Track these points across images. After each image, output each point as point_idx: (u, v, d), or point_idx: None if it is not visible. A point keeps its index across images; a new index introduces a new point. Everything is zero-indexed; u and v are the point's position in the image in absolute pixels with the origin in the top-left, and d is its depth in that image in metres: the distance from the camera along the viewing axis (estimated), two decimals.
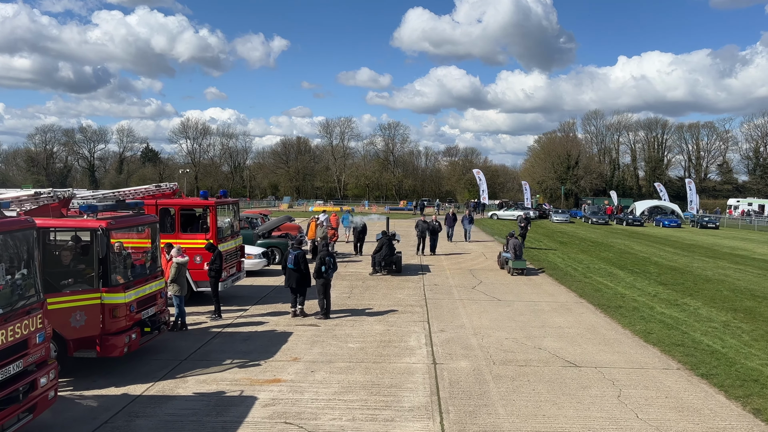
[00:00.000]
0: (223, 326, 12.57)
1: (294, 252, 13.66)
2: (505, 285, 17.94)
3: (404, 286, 17.57)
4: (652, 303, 15.51)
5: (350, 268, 20.98)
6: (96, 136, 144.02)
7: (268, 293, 16.26)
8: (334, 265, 13.90)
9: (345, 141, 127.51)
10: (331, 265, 13.77)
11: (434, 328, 12.54)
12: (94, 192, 15.41)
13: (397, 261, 20.55)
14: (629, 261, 24.64)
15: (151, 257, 10.63)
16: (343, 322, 13.07)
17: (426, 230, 24.86)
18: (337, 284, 17.41)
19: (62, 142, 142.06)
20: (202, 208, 14.32)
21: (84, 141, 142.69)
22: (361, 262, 22.54)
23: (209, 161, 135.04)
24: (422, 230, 24.89)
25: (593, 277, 19.82)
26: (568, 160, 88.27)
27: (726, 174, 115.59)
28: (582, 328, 12.68)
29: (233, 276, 15.17)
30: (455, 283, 18.10)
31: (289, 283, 13.61)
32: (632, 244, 32.52)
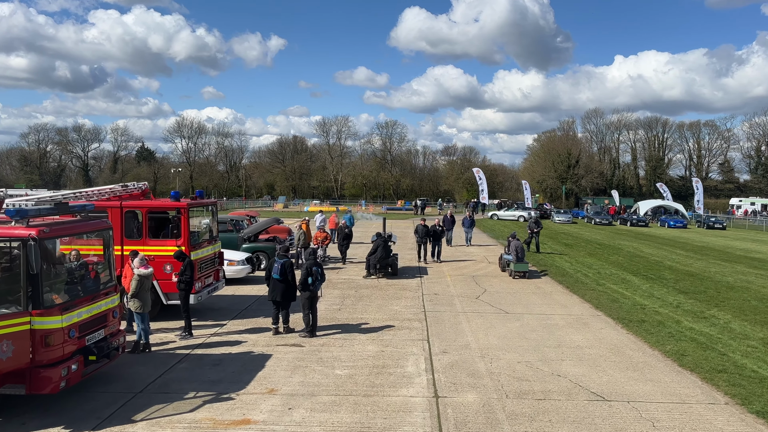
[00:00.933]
0: (193, 346, 10.95)
1: (280, 260, 12.09)
2: (512, 294, 16.34)
3: (401, 295, 15.97)
4: (676, 316, 13.93)
5: (343, 275, 19.37)
6: (90, 135, 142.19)
7: (250, 305, 14.64)
8: (321, 276, 12.29)
9: (342, 140, 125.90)
10: (319, 276, 12.16)
11: (435, 348, 10.95)
12: (35, 192, 13.77)
13: (393, 263, 19.32)
14: (641, 265, 23.06)
15: (101, 270, 8.99)
16: (331, 340, 11.45)
17: (427, 235, 22.72)
18: (327, 293, 15.82)
19: (55, 141, 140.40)
20: (173, 210, 12.69)
21: (78, 140, 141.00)
22: (351, 268, 20.93)
23: (204, 160, 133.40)
24: (423, 235, 22.67)
25: (606, 284, 18.24)
26: (569, 159, 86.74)
27: (727, 173, 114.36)
28: (604, 348, 11.09)
29: (210, 287, 13.56)
30: (457, 292, 16.50)
31: (273, 295, 12.03)
32: (641, 247, 30.96)
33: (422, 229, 22.71)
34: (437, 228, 23.15)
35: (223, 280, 14.60)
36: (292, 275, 12.13)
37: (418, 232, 22.79)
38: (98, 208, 12.61)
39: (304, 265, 12.27)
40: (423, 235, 22.57)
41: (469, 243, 28.31)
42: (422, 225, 22.94)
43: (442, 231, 23.59)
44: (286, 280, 12.01)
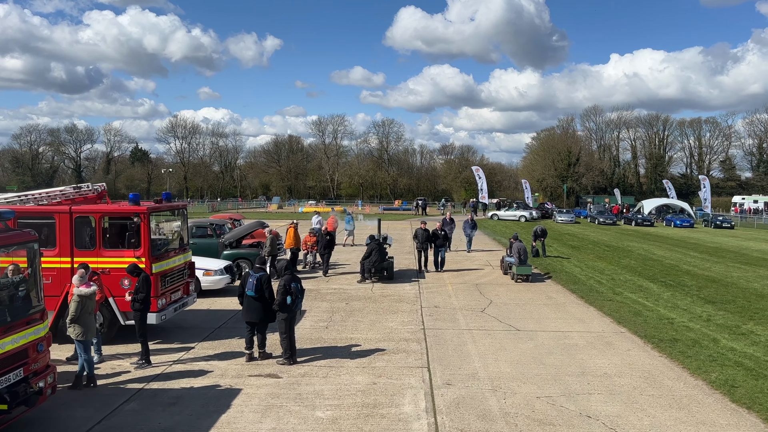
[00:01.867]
0: (150, 378, 9.20)
1: (255, 275, 10.38)
2: (521, 307, 14.61)
3: (397, 309, 14.22)
4: (710, 332, 12.22)
5: (333, 283, 17.63)
6: (82, 136, 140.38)
7: (225, 322, 12.88)
8: (301, 292, 10.54)
9: (338, 139, 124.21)
10: (299, 294, 10.42)
11: (437, 378, 9.21)
12: None
13: (388, 267, 18.25)
14: (657, 270, 21.36)
15: (20, 293, 7.24)
16: (314, 369, 9.71)
17: (428, 240, 20.12)
18: (314, 306, 14.09)
19: (48, 142, 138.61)
20: (132, 215, 10.92)
21: (70, 141, 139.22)
22: (342, 276, 19.20)
23: (199, 161, 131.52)
24: (423, 240, 19.96)
25: (624, 293, 16.52)
26: (569, 157, 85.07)
27: (729, 171, 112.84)
28: (637, 376, 9.37)
29: (178, 302, 11.81)
30: (460, 304, 14.76)
31: (248, 316, 10.33)
32: (652, 248, 29.26)
33: (423, 233, 20.09)
34: (440, 233, 20.62)
35: (194, 294, 12.83)
36: (269, 292, 10.42)
37: (418, 237, 20.14)
38: (44, 213, 10.92)
39: (281, 282, 10.53)
40: (423, 240, 20.04)
41: (470, 248, 26.05)
42: (422, 229, 20.29)
43: (445, 236, 21.09)
44: (263, 297, 10.30)
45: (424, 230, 20.23)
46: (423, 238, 20.05)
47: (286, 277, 10.42)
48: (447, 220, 24.73)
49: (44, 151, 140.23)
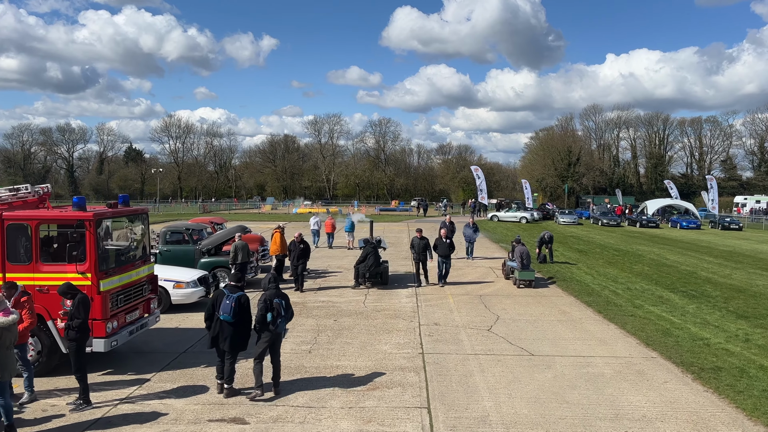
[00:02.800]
0: (85, 426, 7.47)
1: (234, 295, 8.71)
2: (533, 324, 12.90)
3: (392, 327, 12.50)
4: (754, 356, 10.53)
5: (321, 296, 15.90)
6: (75, 135, 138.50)
7: (194, 345, 11.15)
8: (287, 310, 8.88)
9: (334, 139, 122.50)
10: (282, 311, 8.76)
11: (439, 424, 7.50)
12: None
13: (384, 272, 17.39)
14: (675, 278, 19.69)
15: None
16: (290, 412, 7.97)
17: (426, 250, 17.36)
18: (298, 324, 12.38)
19: (40, 142, 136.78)
20: (75, 223, 9.16)
21: (63, 141, 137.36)
22: (329, 289, 17.48)
23: (193, 160, 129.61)
24: (420, 251, 17.33)
25: (644, 306, 14.83)
26: (569, 157, 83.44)
27: (730, 170, 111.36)
28: (685, 421, 7.67)
29: (134, 324, 10.07)
30: (463, 321, 13.05)
31: (219, 342, 8.65)
32: (663, 252, 27.61)
33: (419, 243, 17.33)
34: (445, 241, 17.97)
35: (158, 313, 11.09)
36: (248, 316, 8.78)
37: (414, 248, 17.46)
38: None
39: (262, 297, 8.87)
40: (421, 250, 17.34)
41: (472, 255, 23.72)
42: (418, 238, 17.45)
43: (451, 245, 18.23)
44: (242, 322, 8.65)
45: (420, 239, 17.42)
46: (420, 248, 17.36)
47: (270, 292, 8.78)
48: (447, 224, 22.54)
49: (36, 151, 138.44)
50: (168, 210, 66.68)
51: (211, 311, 8.84)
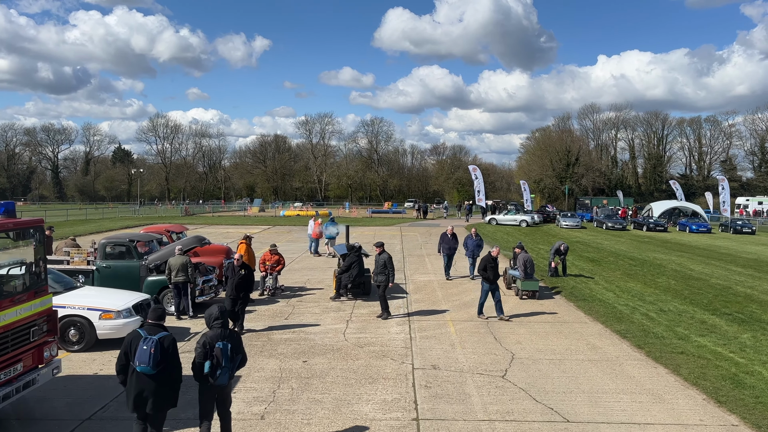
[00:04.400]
0: None
1: (153, 337, 6.28)
2: (557, 364, 10.05)
3: (377, 372, 9.61)
4: None
5: (294, 320, 13.00)
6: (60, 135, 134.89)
7: (109, 403, 8.22)
8: (233, 355, 6.25)
9: (326, 139, 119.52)
10: (225, 360, 6.09)
11: None
12: None
13: (367, 282, 15.81)
14: (710, 295, 16.91)
15: None
16: None
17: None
18: (256, 366, 9.50)
19: (24, 142, 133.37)
20: None
21: (47, 141, 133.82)
22: (303, 311, 14.58)
23: (182, 161, 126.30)
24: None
25: (691, 337, 12.02)
26: (568, 157, 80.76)
27: (730, 171, 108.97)
28: None
29: (13, 385, 7.15)
30: (469, 362, 10.19)
31: (138, 403, 6.18)
32: (684, 261, 24.85)
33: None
34: (492, 263, 13.29)
35: (56, 364, 8.16)
36: (176, 362, 6.09)
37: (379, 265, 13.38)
38: None
39: (201, 339, 6.44)
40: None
41: (473, 274, 18.59)
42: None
43: (495, 271, 13.23)
44: (167, 372, 5.96)
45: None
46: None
47: (212, 332, 6.42)
48: (448, 236, 19.13)
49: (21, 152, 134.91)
50: (148, 212, 63.51)
51: (124, 361, 6.31)
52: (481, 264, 13.44)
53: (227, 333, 6.60)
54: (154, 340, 6.23)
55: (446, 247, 18.89)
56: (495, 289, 13.27)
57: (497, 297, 13.30)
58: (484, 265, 13.29)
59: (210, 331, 6.58)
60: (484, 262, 13.31)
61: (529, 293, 15.88)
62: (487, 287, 13.25)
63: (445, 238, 19.02)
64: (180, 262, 13.08)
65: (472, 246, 18.85)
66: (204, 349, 6.37)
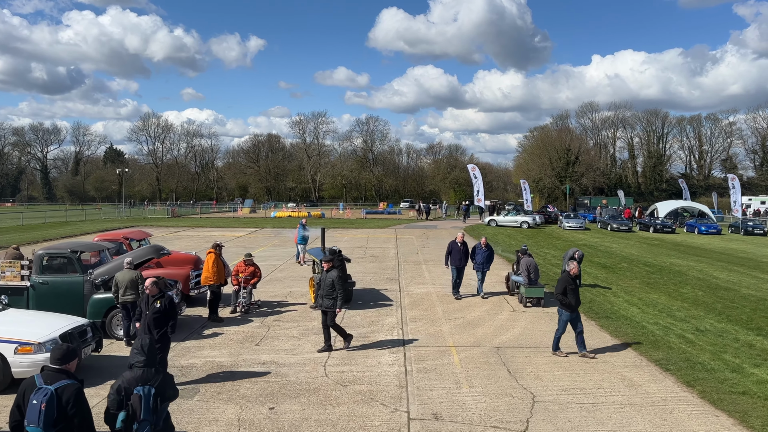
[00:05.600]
0: None
1: (49, 387, 4.57)
2: (591, 411, 7.92)
3: (362, 426, 7.47)
4: None
5: (264, 351, 10.83)
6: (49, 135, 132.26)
7: None
8: (163, 400, 4.41)
9: (320, 138, 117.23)
10: (149, 407, 4.33)
11: None
12: None
13: (350, 287, 14.79)
14: (748, 309, 14.82)
15: None
16: None
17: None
18: (207, 416, 7.31)
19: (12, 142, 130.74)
20: None
21: (36, 141, 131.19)
22: (286, 331, 12.43)
23: (173, 161, 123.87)
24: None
25: (745, 367, 9.92)
26: (567, 156, 78.74)
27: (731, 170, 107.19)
28: None
29: None
30: (479, 408, 8.05)
31: None
32: (704, 268, 22.79)
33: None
34: (573, 283, 10.59)
35: None
36: (81, 423, 4.18)
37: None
38: None
39: (116, 383, 4.86)
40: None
41: (482, 291, 16.02)
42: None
43: (576, 295, 10.53)
44: None
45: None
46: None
47: (133, 372, 4.90)
48: (458, 246, 15.85)
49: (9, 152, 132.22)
50: (135, 213, 61.17)
51: (17, 417, 4.62)
52: (558, 286, 10.57)
53: (151, 375, 4.80)
54: (48, 391, 4.42)
55: (456, 259, 15.62)
56: (576, 318, 10.44)
57: (579, 328, 10.45)
58: (563, 287, 10.40)
59: (128, 372, 4.81)
60: (563, 284, 10.45)
61: (534, 300, 14.73)
62: (567, 316, 10.36)
63: (454, 248, 15.75)
64: (129, 278, 10.94)
65: (481, 258, 15.83)
66: (118, 396, 4.70)
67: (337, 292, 10.47)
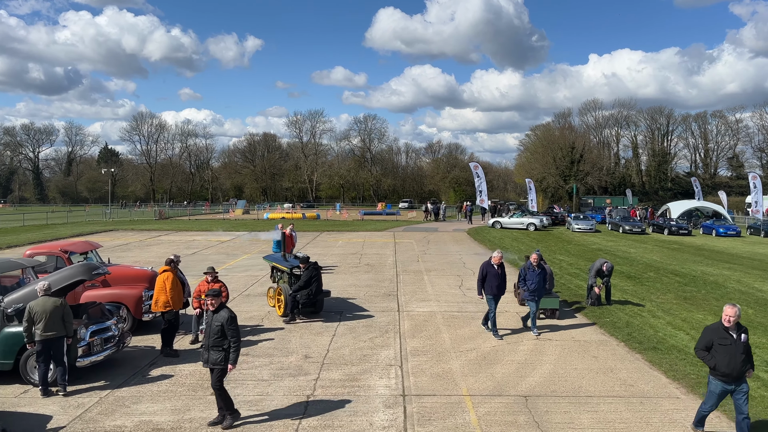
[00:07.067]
0: None
1: None
2: None
3: None
4: None
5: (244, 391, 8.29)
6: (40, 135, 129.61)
7: None
8: None
9: (316, 137, 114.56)
10: None
11: None
12: None
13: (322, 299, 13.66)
14: None
15: None
16: None
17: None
18: None
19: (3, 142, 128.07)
20: None
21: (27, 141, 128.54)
22: (255, 375, 9.89)
23: (167, 161, 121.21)
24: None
25: None
26: (572, 154, 76.20)
27: (737, 168, 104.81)
28: None
29: None
30: None
31: None
32: (740, 277, 20.27)
33: None
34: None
35: None
36: None
37: None
38: None
39: None
40: None
41: (535, 328, 11.99)
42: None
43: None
44: None
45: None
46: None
47: None
48: (493, 267, 11.82)
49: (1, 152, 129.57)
50: (122, 215, 58.47)
51: None
52: (702, 338, 7.11)
53: None
54: None
55: (493, 287, 11.59)
56: (736, 390, 6.94)
57: (743, 412, 6.88)
58: (709, 340, 6.97)
59: None
60: (709, 336, 7.00)
61: (548, 312, 13.38)
62: (719, 387, 6.97)
63: (490, 272, 11.65)
64: (47, 308, 8.41)
65: (535, 281, 11.78)
66: None
67: (229, 341, 7.39)
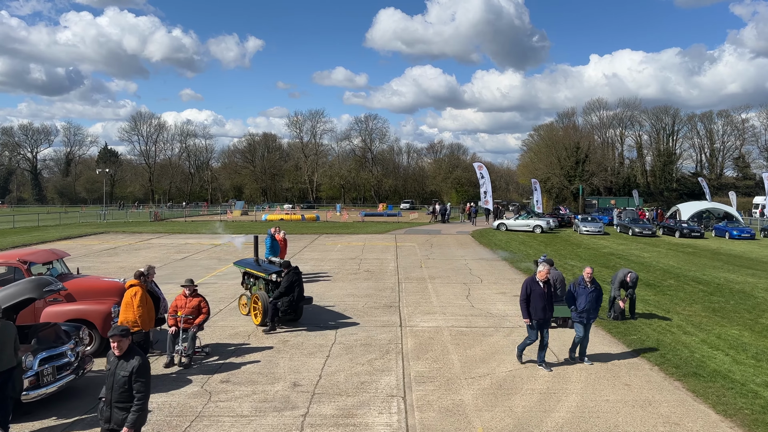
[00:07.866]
0: None
1: None
2: None
3: None
4: None
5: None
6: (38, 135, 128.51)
7: None
8: None
9: (316, 137, 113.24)
10: None
11: None
12: None
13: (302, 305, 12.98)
14: None
15: None
16: None
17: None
18: None
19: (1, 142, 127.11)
20: None
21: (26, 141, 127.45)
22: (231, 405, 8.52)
23: (166, 161, 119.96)
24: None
25: None
26: (577, 154, 74.79)
27: (744, 169, 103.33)
28: None
29: None
30: None
31: None
32: (766, 285, 18.88)
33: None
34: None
35: None
36: None
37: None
38: None
39: None
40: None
41: (585, 356, 10.26)
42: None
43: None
44: None
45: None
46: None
47: None
48: (540, 287, 9.83)
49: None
50: (116, 216, 57.11)
51: None
52: None
53: None
54: None
55: (539, 309, 9.68)
56: None
57: None
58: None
59: None
60: None
61: (560, 321, 12.68)
62: None
63: (535, 291, 9.73)
64: None
65: (587, 300, 10.09)
66: None
67: (135, 399, 5.60)
